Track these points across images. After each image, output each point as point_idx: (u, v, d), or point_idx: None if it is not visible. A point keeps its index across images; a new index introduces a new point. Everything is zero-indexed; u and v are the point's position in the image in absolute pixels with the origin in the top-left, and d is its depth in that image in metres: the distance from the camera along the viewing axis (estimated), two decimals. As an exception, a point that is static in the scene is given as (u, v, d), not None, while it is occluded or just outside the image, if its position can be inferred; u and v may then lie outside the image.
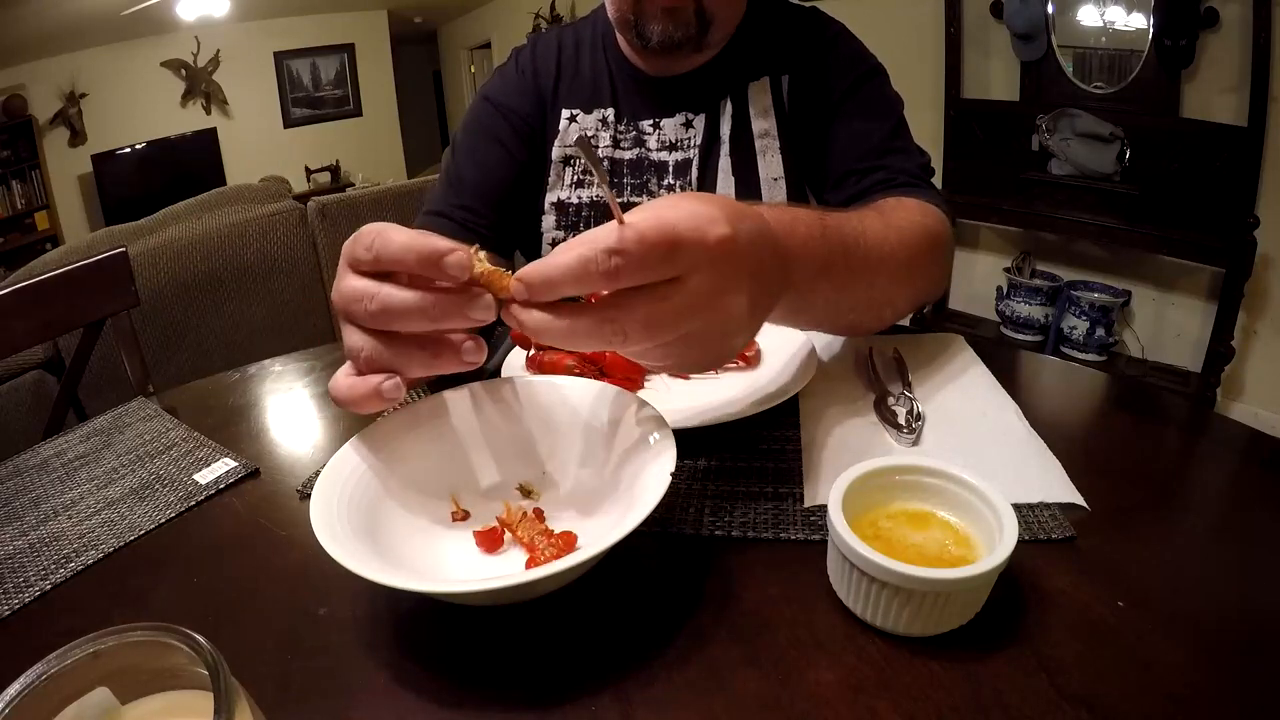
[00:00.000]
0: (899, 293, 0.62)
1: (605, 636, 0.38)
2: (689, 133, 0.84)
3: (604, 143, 0.85)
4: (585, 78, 0.87)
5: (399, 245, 0.37)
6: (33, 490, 0.56)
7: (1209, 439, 0.59)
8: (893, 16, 2.67)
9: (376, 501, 0.42)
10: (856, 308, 0.59)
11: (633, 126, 0.85)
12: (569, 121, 0.86)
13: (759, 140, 0.83)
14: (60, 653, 0.24)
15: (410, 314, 0.38)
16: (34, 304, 0.86)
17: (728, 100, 0.83)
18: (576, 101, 0.87)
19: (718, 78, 0.83)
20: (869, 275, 0.56)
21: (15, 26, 4.60)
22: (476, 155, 0.86)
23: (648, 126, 0.85)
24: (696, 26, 0.76)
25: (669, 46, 0.77)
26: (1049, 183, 2.37)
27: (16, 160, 5.18)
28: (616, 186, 0.85)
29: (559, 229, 0.87)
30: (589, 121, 0.86)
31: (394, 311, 0.38)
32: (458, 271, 0.37)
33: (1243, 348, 2.09)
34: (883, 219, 0.61)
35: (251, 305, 2.19)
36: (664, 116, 0.85)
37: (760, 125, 0.83)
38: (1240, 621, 0.37)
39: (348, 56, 6.69)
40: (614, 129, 0.85)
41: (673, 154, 0.84)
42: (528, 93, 0.87)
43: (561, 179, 0.86)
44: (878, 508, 0.41)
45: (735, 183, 0.83)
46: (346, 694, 0.36)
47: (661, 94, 0.84)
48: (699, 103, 0.84)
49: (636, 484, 0.40)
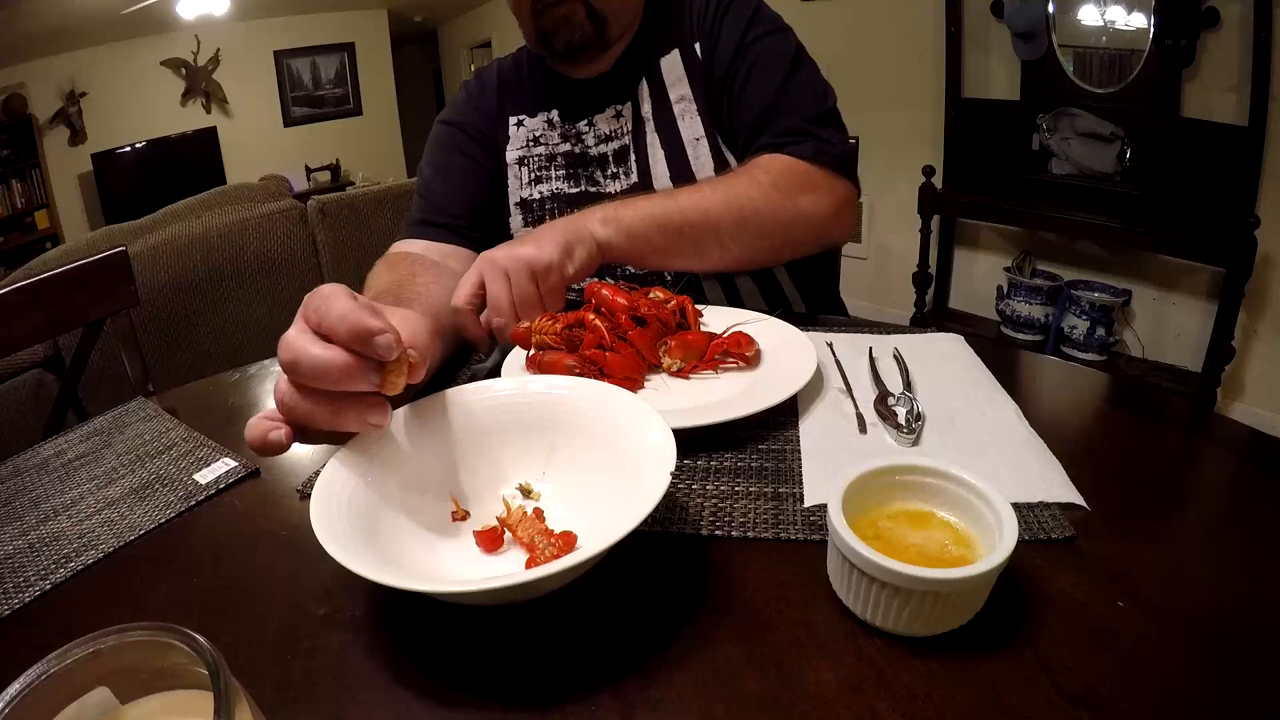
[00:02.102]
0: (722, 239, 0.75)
1: (605, 636, 0.38)
2: (619, 122, 0.89)
3: (554, 139, 0.91)
4: (526, 89, 0.94)
5: (335, 315, 0.39)
6: (33, 490, 0.56)
7: (1209, 439, 0.59)
8: (893, 16, 2.67)
9: (376, 501, 0.42)
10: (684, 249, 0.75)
11: (573, 127, 0.91)
12: (517, 126, 0.92)
13: (676, 106, 0.87)
14: (60, 653, 0.24)
15: (314, 370, 0.39)
16: (34, 303, 0.86)
17: (644, 81, 0.88)
18: (520, 109, 0.93)
19: (632, 66, 0.88)
20: (678, 227, 0.73)
21: (15, 26, 4.60)
22: (443, 169, 0.92)
23: (584, 126, 0.90)
24: (592, 27, 0.83)
25: (574, 50, 0.84)
26: (1049, 182, 2.37)
27: (16, 159, 5.17)
28: (573, 177, 0.91)
29: (526, 225, 0.92)
30: (535, 124, 0.92)
31: (300, 364, 0.40)
32: (385, 352, 0.39)
33: (1243, 348, 2.09)
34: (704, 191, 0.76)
35: (252, 304, 2.18)
36: (595, 114, 0.90)
37: (676, 92, 0.87)
38: (1240, 621, 0.37)
39: (348, 55, 6.68)
40: (560, 127, 0.91)
41: (610, 144, 0.90)
42: (479, 108, 0.94)
43: (519, 179, 0.92)
44: (878, 508, 0.41)
45: (665, 155, 0.87)
46: (346, 694, 0.36)
47: (588, 95, 0.90)
48: (621, 93, 0.89)
49: (636, 484, 0.40)
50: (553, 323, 0.64)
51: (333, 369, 0.39)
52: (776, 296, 0.92)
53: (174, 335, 2.06)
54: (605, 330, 0.62)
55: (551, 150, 0.91)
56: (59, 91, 5.30)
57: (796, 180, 0.77)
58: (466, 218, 0.88)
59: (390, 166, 6.82)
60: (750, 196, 0.75)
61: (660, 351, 0.63)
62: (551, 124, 0.92)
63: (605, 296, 0.66)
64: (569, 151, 0.91)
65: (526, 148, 0.92)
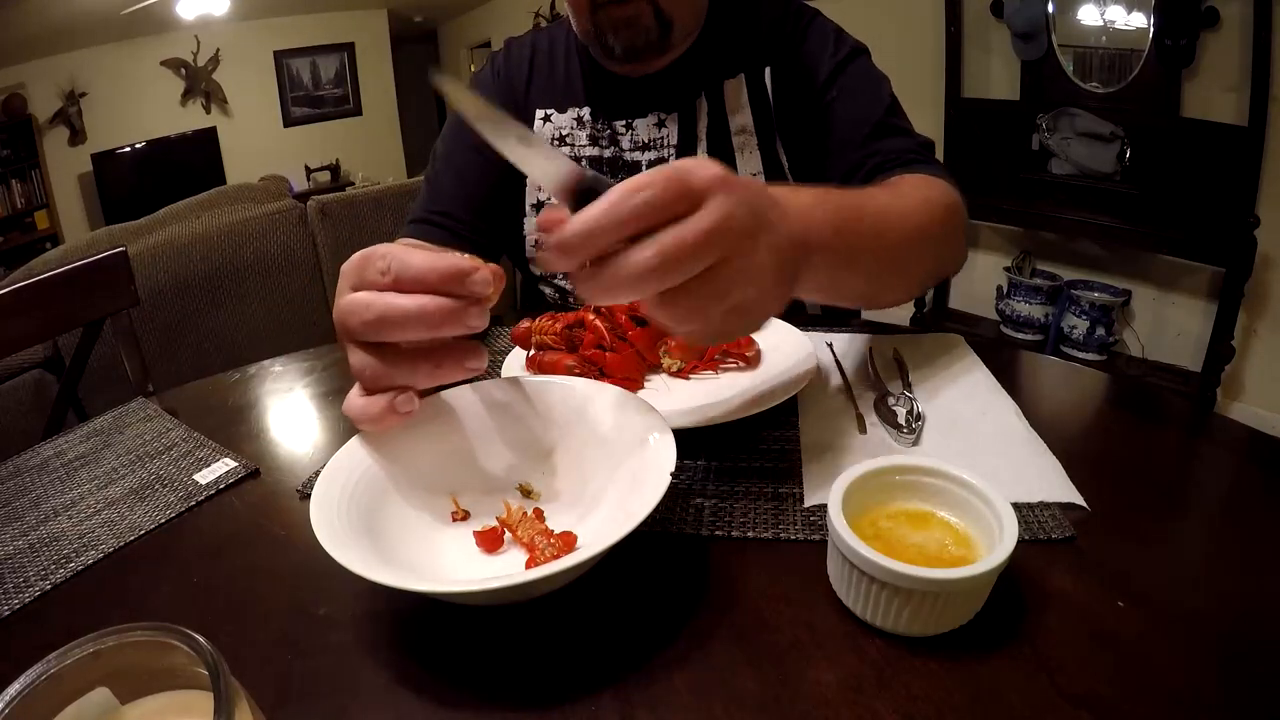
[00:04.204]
0: (913, 258, 0.62)
1: (605, 636, 0.38)
2: (662, 132, 0.84)
3: (581, 140, 0.86)
4: (559, 78, 0.87)
5: (420, 264, 0.38)
6: (33, 490, 0.56)
7: (1209, 439, 0.59)
8: (893, 16, 2.67)
9: (376, 501, 0.42)
10: (872, 270, 0.56)
11: (607, 126, 0.85)
12: (542, 122, 0.87)
13: (736, 137, 0.82)
14: (60, 653, 0.24)
15: (409, 321, 0.38)
16: (34, 303, 0.86)
17: (703, 99, 0.83)
18: (549, 102, 0.87)
19: (688, 75, 0.83)
20: (881, 237, 0.55)
21: (15, 26, 4.60)
22: (455, 164, 0.87)
23: (620, 127, 0.85)
24: (658, 31, 0.77)
25: (633, 54, 0.78)
26: (1049, 182, 2.37)
27: (16, 159, 5.17)
28: None
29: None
30: (564, 121, 0.86)
31: (391, 319, 0.38)
32: (482, 288, 0.38)
33: (1243, 347, 2.09)
34: (889, 192, 0.62)
35: (251, 304, 2.19)
36: (636, 117, 0.85)
37: (737, 122, 0.82)
38: (1241, 621, 0.37)
39: (348, 55, 6.69)
40: (590, 127, 0.86)
41: (646, 154, 0.84)
42: (501, 97, 0.88)
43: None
44: (878, 508, 0.41)
45: None
46: (346, 694, 0.36)
47: (633, 94, 0.84)
48: (671, 102, 0.84)
49: (636, 484, 0.40)
50: (553, 323, 0.64)
51: (429, 315, 0.38)
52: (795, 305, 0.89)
53: (174, 335, 2.06)
54: (605, 330, 0.62)
55: (576, 153, 0.86)
56: (59, 91, 5.30)
57: (952, 202, 0.67)
58: (471, 219, 0.85)
59: (390, 167, 6.83)
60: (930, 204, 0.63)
61: (660, 351, 0.63)
62: (581, 122, 0.86)
63: (605, 296, 0.66)
64: (595, 156, 0.86)
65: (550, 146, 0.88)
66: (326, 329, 2.08)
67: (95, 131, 5.54)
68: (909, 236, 0.59)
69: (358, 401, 0.42)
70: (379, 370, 0.40)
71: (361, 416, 0.41)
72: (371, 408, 0.41)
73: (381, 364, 0.40)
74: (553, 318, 0.64)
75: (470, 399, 0.49)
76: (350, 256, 0.42)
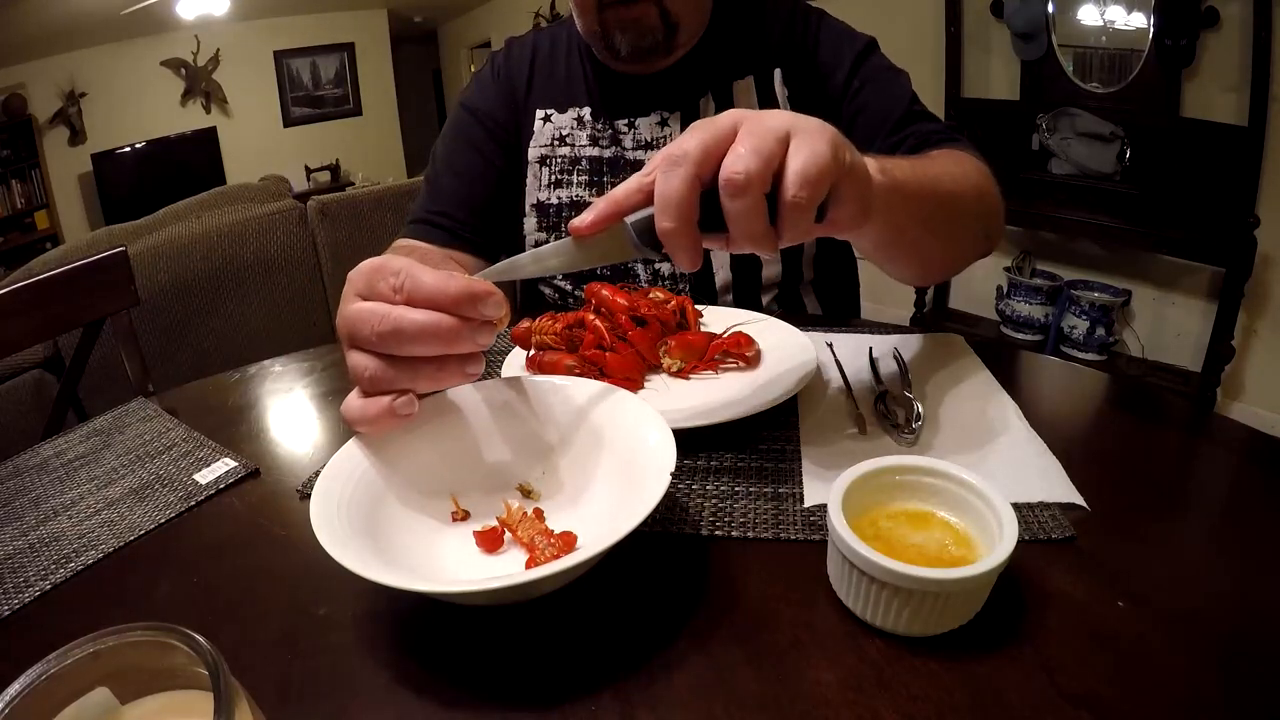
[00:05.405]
0: (969, 214, 0.65)
1: (605, 636, 0.38)
2: (665, 131, 0.84)
3: (581, 141, 0.86)
4: (560, 78, 0.87)
5: (431, 284, 0.39)
6: (33, 490, 0.56)
7: (1209, 439, 0.59)
8: (893, 16, 2.67)
9: (376, 501, 0.42)
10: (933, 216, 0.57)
11: (609, 125, 0.85)
12: (543, 122, 0.87)
13: None
14: (60, 653, 0.24)
15: (423, 336, 0.39)
16: (34, 303, 0.86)
17: (709, 99, 0.83)
18: (550, 102, 0.87)
19: (693, 75, 0.83)
20: (938, 183, 0.57)
21: (15, 26, 4.60)
22: (455, 163, 0.87)
23: (623, 126, 0.85)
24: (664, 32, 0.77)
25: (639, 55, 0.78)
26: (1049, 182, 2.37)
27: (16, 159, 5.17)
28: (596, 185, 0.85)
29: (540, 230, 0.87)
30: (564, 121, 0.86)
31: (406, 333, 0.39)
32: (494, 311, 0.39)
33: (1243, 347, 2.09)
34: (939, 157, 0.64)
35: (251, 304, 2.19)
36: (639, 115, 0.84)
37: None
38: (1240, 621, 0.37)
39: (347, 55, 6.68)
40: (591, 127, 0.86)
41: (648, 153, 0.84)
42: (501, 96, 0.88)
43: (539, 180, 0.87)
44: (878, 508, 0.41)
45: None
46: (346, 694, 0.36)
47: (636, 93, 0.84)
48: (674, 101, 0.84)
49: (636, 484, 0.40)
50: (553, 323, 0.64)
51: (443, 332, 0.39)
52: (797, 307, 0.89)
53: (174, 335, 2.06)
54: (605, 330, 0.62)
55: (576, 153, 0.85)
56: (59, 91, 5.30)
57: (990, 175, 0.70)
58: (471, 220, 0.85)
59: (390, 166, 6.83)
60: (977, 178, 0.66)
61: (660, 352, 0.63)
62: (581, 122, 0.85)
63: (605, 296, 0.66)
64: (595, 156, 0.85)
65: (550, 146, 0.86)
66: (326, 329, 2.08)
67: (95, 131, 5.53)
68: (965, 191, 0.62)
69: (356, 403, 0.42)
70: (380, 373, 0.40)
71: (360, 419, 0.42)
72: (370, 410, 0.41)
73: (383, 367, 0.40)
74: (553, 318, 0.64)
75: (470, 399, 0.49)
76: (358, 263, 0.43)
